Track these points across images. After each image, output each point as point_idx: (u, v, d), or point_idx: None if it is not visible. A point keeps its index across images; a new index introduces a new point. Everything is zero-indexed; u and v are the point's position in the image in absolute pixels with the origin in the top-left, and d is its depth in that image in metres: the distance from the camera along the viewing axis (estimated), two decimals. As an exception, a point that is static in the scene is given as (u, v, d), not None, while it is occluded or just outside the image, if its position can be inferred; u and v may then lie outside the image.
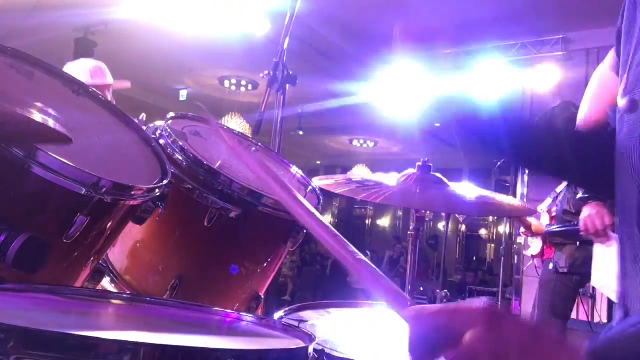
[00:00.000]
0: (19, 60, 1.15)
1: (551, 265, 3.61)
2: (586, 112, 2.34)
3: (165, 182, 1.17)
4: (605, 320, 4.90)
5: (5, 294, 0.81)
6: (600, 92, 2.28)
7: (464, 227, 16.59)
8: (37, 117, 0.63)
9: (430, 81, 7.39)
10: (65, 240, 0.99)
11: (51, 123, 0.64)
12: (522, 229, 4.31)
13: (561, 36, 6.64)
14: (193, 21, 6.52)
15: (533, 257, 4.27)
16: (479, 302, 0.56)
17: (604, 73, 2.18)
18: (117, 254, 1.40)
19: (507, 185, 6.63)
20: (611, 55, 1.14)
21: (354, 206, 16.89)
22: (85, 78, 3.16)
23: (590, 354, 0.56)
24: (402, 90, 7.57)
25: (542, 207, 3.95)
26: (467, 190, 1.75)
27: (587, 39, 6.44)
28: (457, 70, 7.24)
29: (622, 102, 0.72)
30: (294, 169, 1.68)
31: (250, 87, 9.22)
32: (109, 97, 3.26)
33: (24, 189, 0.97)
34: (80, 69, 3.22)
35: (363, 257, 0.62)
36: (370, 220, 17.52)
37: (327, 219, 14.82)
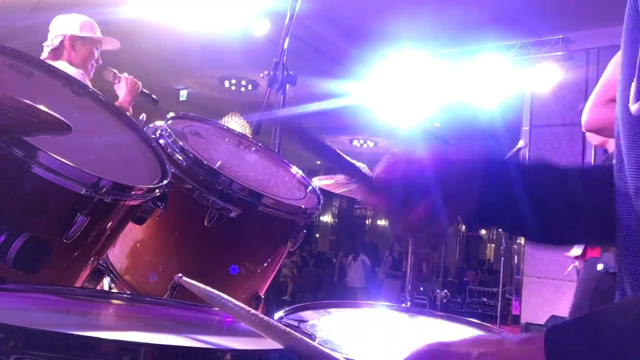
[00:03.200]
0: (19, 60, 1.15)
1: (601, 266, 3.41)
2: (588, 112, 2.30)
3: (165, 182, 1.17)
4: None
5: (5, 294, 0.81)
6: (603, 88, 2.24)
7: (464, 227, 16.61)
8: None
9: (430, 81, 7.40)
10: (65, 240, 0.99)
11: (48, 111, 0.64)
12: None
13: (561, 36, 6.64)
14: (193, 21, 6.53)
15: (576, 258, 4.10)
16: (420, 347, 0.63)
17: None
18: (117, 254, 1.40)
19: (507, 185, 6.62)
20: None
21: (354, 206, 16.89)
22: (74, 30, 3.11)
23: (548, 343, 0.57)
24: (402, 90, 7.57)
25: None
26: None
27: (587, 39, 6.45)
28: (457, 70, 7.24)
29: (634, 108, 0.67)
30: (294, 169, 1.68)
31: (250, 87, 9.23)
32: (96, 54, 3.21)
33: (24, 189, 0.97)
34: (69, 21, 3.16)
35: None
36: (370, 220, 17.52)
37: (327, 219, 14.85)
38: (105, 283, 1.42)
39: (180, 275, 0.91)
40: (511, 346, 0.60)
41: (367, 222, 17.64)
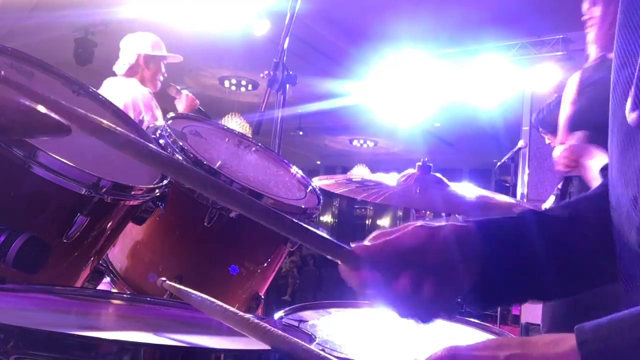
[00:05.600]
0: (19, 60, 1.15)
1: None
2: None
3: (165, 182, 1.17)
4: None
5: (5, 294, 0.81)
6: None
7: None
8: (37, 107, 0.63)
9: (431, 81, 7.40)
10: (65, 240, 0.99)
11: (49, 113, 0.65)
12: None
13: (561, 36, 6.64)
14: (193, 21, 6.52)
15: None
16: (438, 353, 0.59)
17: None
18: (117, 254, 1.40)
19: (507, 185, 6.64)
20: None
21: (354, 206, 16.88)
22: (147, 49, 3.56)
23: (581, 345, 0.55)
24: (402, 90, 7.58)
25: (546, 205, 3.86)
26: (467, 190, 1.75)
27: (587, 39, 6.43)
28: (457, 70, 7.24)
29: (631, 117, 0.65)
30: (294, 169, 1.68)
31: (250, 87, 9.22)
32: (163, 68, 3.70)
33: (24, 189, 0.97)
34: (142, 40, 3.59)
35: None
36: (370, 220, 17.51)
37: (327, 218, 14.82)
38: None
39: (163, 279, 0.91)
40: (539, 348, 0.58)
41: (367, 222, 17.63)
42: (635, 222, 0.66)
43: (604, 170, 0.81)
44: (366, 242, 0.75)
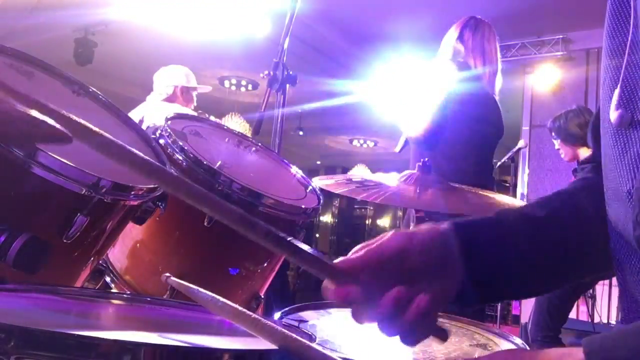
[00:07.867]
0: (19, 60, 1.15)
1: None
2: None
3: (165, 182, 1.16)
4: (605, 321, 4.90)
5: (5, 294, 0.81)
6: None
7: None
8: (38, 115, 0.63)
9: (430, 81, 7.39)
10: (65, 240, 0.99)
11: (51, 122, 0.65)
12: None
13: (561, 36, 6.64)
14: (193, 21, 6.52)
15: None
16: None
17: None
18: (117, 254, 1.40)
19: (507, 185, 6.63)
20: None
21: (354, 206, 16.86)
22: (182, 81, 3.92)
23: (588, 355, 0.56)
24: (402, 90, 7.57)
25: None
26: (467, 190, 1.75)
27: (587, 39, 6.44)
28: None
29: (614, 116, 0.67)
30: (294, 169, 1.68)
31: (250, 87, 9.22)
32: (195, 98, 4.05)
33: (24, 189, 0.97)
34: (176, 73, 3.94)
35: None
36: (370, 220, 17.50)
37: (327, 219, 14.80)
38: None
39: (167, 275, 0.91)
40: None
41: (367, 222, 17.63)
42: (630, 216, 0.67)
43: (582, 165, 0.82)
44: (349, 256, 0.73)
